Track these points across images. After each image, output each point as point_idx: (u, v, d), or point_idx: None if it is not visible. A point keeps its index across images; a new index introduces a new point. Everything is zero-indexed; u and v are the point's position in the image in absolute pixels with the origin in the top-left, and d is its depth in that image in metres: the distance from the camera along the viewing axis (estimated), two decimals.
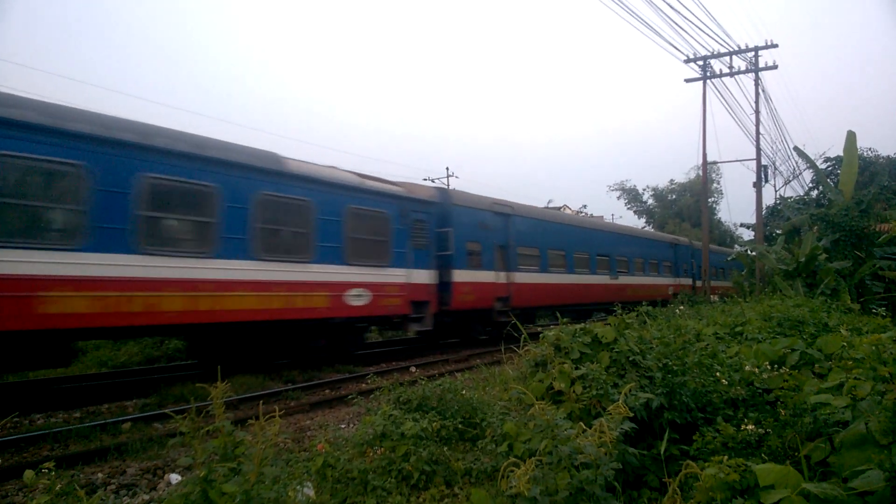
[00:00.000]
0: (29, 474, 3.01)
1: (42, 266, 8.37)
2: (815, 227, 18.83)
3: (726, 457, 2.94)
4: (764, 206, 24.68)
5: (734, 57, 23.54)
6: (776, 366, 5.87)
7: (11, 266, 8.10)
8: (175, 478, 6.45)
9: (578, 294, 21.46)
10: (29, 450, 7.57)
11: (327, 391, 11.54)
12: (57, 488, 3.24)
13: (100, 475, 6.60)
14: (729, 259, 29.96)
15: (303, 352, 13.24)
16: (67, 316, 8.60)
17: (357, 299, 13.31)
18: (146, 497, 6.10)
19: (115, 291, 9.15)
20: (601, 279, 23.21)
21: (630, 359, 5.30)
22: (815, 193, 30.33)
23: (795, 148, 23.98)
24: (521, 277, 18.39)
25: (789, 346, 6.42)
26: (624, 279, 24.90)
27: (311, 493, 4.02)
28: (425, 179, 38.49)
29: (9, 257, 8.07)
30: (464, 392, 6.00)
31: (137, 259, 9.42)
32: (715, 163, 30.07)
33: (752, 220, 25.09)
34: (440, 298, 15.74)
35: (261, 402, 5.26)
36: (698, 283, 29.24)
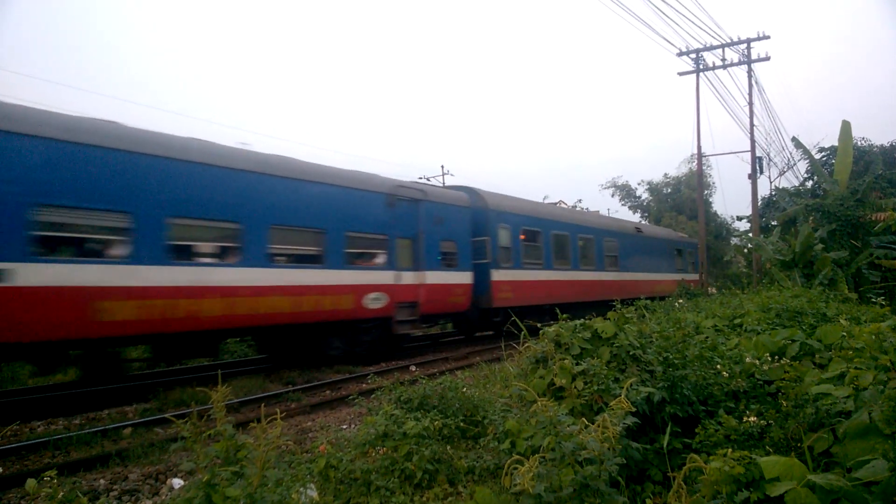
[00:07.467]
0: (31, 483, 2.99)
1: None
2: (811, 218, 18.85)
3: (730, 449, 2.93)
4: (759, 198, 24.72)
5: (727, 49, 23.59)
6: (776, 357, 5.86)
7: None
8: (177, 482, 6.43)
9: None
10: (30, 457, 7.55)
11: (328, 392, 11.54)
12: (59, 496, 3.23)
13: (102, 481, 6.58)
14: (726, 259, 32.20)
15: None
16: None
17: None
18: (149, 502, 6.08)
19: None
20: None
21: (630, 353, 5.29)
22: (810, 184, 30.34)
23: (793, 138, 24.03)
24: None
25: (789, 336, 6.40)
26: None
27: (315, 494, 4.01)
28: (420, 177, 38.33)
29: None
30: (465, 390, 6.00)
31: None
32: (706, 155, 30.31)
33: (748, 211, 25.17)
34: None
35: (262, 404, 5.25)
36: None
